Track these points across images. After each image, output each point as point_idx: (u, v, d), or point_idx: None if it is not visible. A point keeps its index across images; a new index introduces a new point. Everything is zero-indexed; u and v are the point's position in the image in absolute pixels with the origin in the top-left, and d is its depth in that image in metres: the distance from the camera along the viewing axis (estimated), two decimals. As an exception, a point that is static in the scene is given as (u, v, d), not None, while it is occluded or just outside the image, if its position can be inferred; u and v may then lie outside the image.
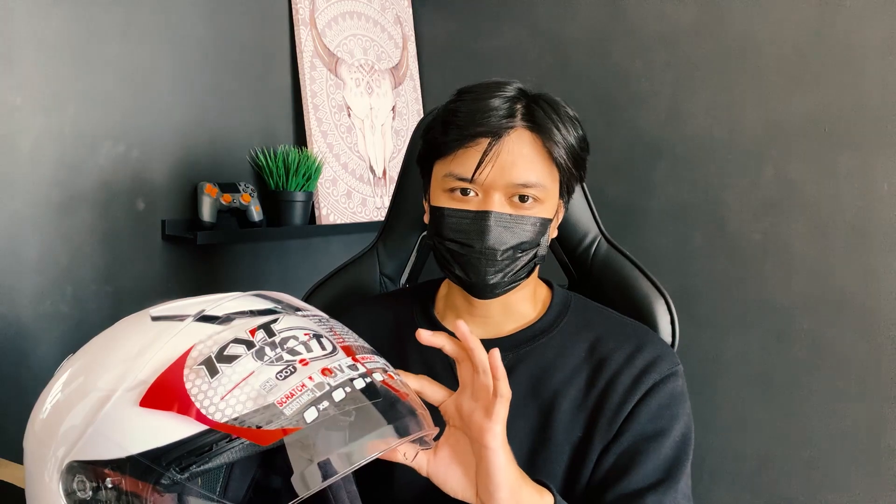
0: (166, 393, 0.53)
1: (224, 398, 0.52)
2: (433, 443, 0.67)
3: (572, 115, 0.85)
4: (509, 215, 0.80)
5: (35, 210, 1.24)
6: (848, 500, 1.47)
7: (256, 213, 1.54)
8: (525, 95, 0.83)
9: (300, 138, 1.73)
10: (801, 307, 1.50)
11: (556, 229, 0.90)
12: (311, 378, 0.54)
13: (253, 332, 0.57)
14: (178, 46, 1.45)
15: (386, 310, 0.96)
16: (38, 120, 1.23)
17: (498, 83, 0.83)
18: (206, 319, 0.59)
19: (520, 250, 0.81)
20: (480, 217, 0.80)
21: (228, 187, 1.49)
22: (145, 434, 0.53)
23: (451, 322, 0.90)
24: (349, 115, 1.80)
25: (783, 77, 1.50)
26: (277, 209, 1.61)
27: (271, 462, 0.70)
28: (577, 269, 1.06)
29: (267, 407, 0.52)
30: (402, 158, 1.12)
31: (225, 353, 0.55)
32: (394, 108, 1.93)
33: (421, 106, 2.03)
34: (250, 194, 1.53)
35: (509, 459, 0.66)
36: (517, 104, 0.81)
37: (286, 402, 0.52)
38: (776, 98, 1.51)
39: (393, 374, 0.60)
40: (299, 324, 0.60)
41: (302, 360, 0.55)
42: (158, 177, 1.43)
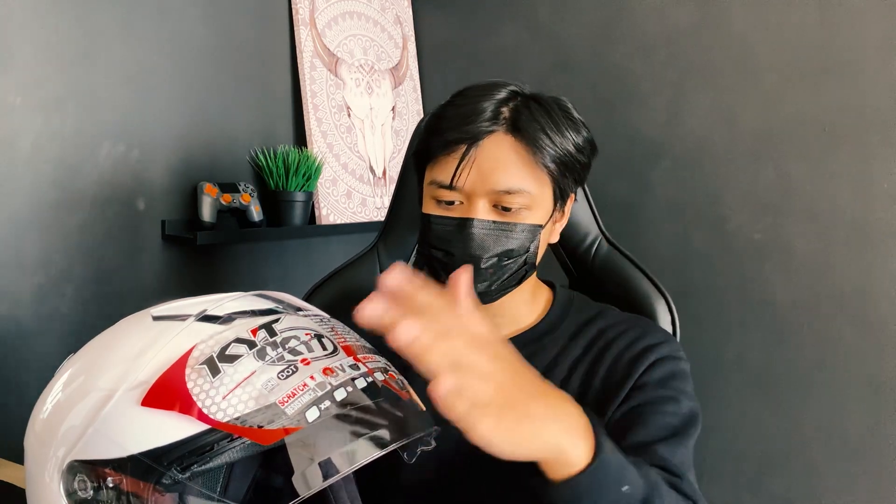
0: (168, 392, 0.53)
1: (226, 397, 0.52)
2: (434, 442, 0.67)
3: (576, 118, 0.82)
4: (493, 222, 0.78)
5: (35, 210, 1.24)
6: (848, 501, 1.47)
7: (256, 213, 1.54)
8: (517, 97, 0.81)
9: (300, 138, 1.73)
10: (802, 307, 1.50)
11: (559, 234, 0.88)
12: (312, 377, 0.54)
13: (254, 332, 0.57)
14: (178, 46, 1.45)
15: None
16: (37, 120, 1.23)
17: (492, 85, 0.81)
18: (208, 319, 0.59)
19: (506, 258, 0.79)
20: (462, 225, 0.78)
21: (228, 187, 1.49)
22: (146, 433, 0.53)
23: None
24: (349, 115, 1.80)
25: (783, 77, 1.50)
26: (277, 209, 1.61)
27: (273, 461, 0.70)
28: (578, 270, 1.06)
29: (268, 406, 0.52)
30: (403, 159, 1.12)
31: (226, 353, 0.55)
32: (394, 109, 1.93)
33: (421, 106, 2.03)
34: (250, 194, 1.53)
35: (499, 421, 0.50)
36: (504, 107, 0.79)
37: (288, 402, 0.52)
38: (776, 98, 1.51)
39: (394, 373, 0.60)
40: (300, 323, 0.60)
41: (303, 360, 0.55)
42: (158, 177, 1.42)
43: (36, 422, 0.60)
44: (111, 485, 0.53)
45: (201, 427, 0.52)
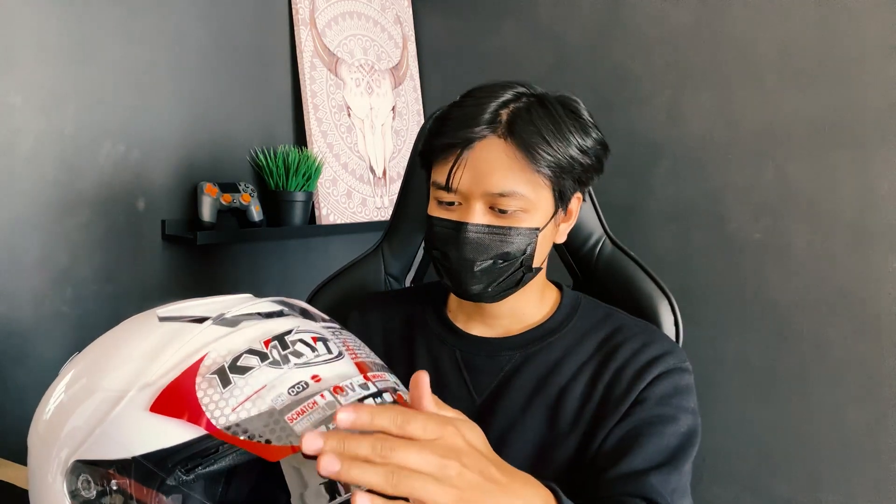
0: (177, 400, 0.53)
1: (235, 410, 0.52)
2: None
3: (584, 120, 0.81)
4: (487, 226, 0.79)
5: (35, 210, 1.24)
6: (848, 501, 1.47)
7: (256, 213, 1.54)
8: (521, 99, 0.80)
9: (300, 138, 1.73)
10: (802, 307, 1.50)
11: (566, 235, 0.88)
12: (322, 396, 0.53)
13: (267, 344, 0.57)
14: (178, 46, 1.45)
15: (398, 306, 0.97)
16: (38, 120, 1.23)
17: (500, 86, 0.81)
18: (218, 323, 0.59)
19: (501, 261, 0.80)
20: (457, 228, 0.80)
21: (228, 187, 1.49)
22: (151, 435, 0.52)
23: (462, 322, 0.91)
24: (349, 115, 1.80)
25: (783, 77, 1.50)
26: (277, 209, 1.61)
27: (278, 475, 0.70)
28: (582, 270, 1.06)
29: (277, 422, 0.51)
30: (407, 158, 1.12)
31: (238, 364, 0.55)
32: (394, 108, 1.93)
33: (421, 106, 2.03)
34: (250, 194, 1.53)
35: None
36: (504, 110, 0.79)
37: (297, 419, 0.52)
38: (776, 98, 1.51)
39: (403, 393, 0.60)
40: (313, 333, 0.60)
41: (315, 377, 0.55)
42: (158, 177, 1.42)
43: (39, 422, 0.60)
44: (115, 486, 0.53)
45: (206, 430, 0.52)
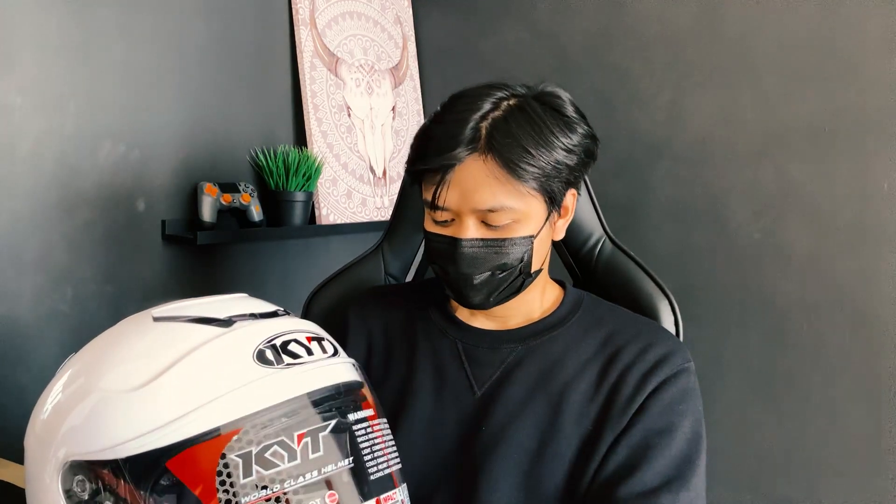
0: (195, 467, 0.53)
1: None
2: None
3: (569, 117, 0.80)
4: (481, 240, 0.78)
5: (35, 210, 1.24)
6: (848, 501, 1.47)
7: (256, 213, 1.54)
8: (501, 105, 0.78)
9: (300, 138, 1.73)
10: (802, 307, 1.50)
11: (564, 231, 0.88)
12: None
13: (300, 438, 0.55)
14: (179, 46, 1.45)
15: (399, 300, 0.97)
16: (38, 120, 1.23)
17: (479, 95, 0.79)
18: (206, 322, 0.59)
19: (500, 271, 0.80)
20: (452, 244, 0.80)
21: (228, 187, 1.49)
22: (146, 435, 0.53)
23: (465, 316, 0.91)
24: (349, 115, 1.80)
25: (783, 77, 1.50)
26: (277, 209, 1.61)
27: None
28: (582, 270, 1.06)
29: None
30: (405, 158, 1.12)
31: (266, 456, 0.54)
32: (394, 108, 1.93)
33: (421, 106, 2.03)
34: (250, 194, 1.53)
35: None
36: (483, 122, 0.77)
37: None
38: (776, 98, 1.51)
39: None
40: (308, 333, 0.59)
41: (332, 496, 0.55)
42: (158, 177, 1.42)
43: (36, 422, 0.60)
44: (110, 485, 0.53)
45: (201, 429, 0.52)
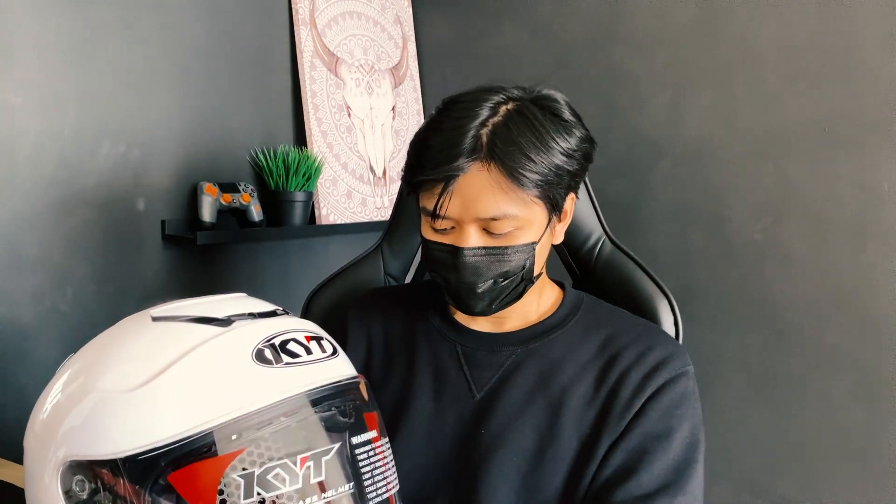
0: (196, 483, 0.53)
1: None
2: None
3: (567, 120, 0.79)
4: (483, 248, 0.77)
5: (35, 210, 1.24)
6: (848, 501, 1.47)
7: (256, 213, 1.54)
8: (499, 110, 0.77)
9: (300, 138, 1.73)
10: (801, 307, 1.50)
11: (563, 234, 0.87)
12: None
13: (303, 462, 0.56)
14: (178, 46, 1.45)
15: (398, 302, 0.96)
16: (38, 120, 1.23)
17: (477, 99, 0.78)
18: (205, 321, 0.59)
19: (502, 279, 0.79)
20: (453, 253, 0.78)
21: (228, 187, 1.49)
22: (144, 434, 0.53)
23: (464, 319, 0.90)
24: (349, 115, 1.80)
25: (783, 77, 1.50)
26: (277, 209, 1.61)
27: None
28: (581, 270, 1.06)
29: None
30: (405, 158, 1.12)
31: (268, 478, 0.54)
32: (394, 108, 1.93)
33: (421, 106, 2.03)
34: (250, 194, 1.53)
35: None
36: (483, 129, 0.76)
37: None
38: (776, 98, 1.51)
39: None
40: (306, 332, 0.59)
41: None
42: (158, 177, 1.42)
43: (35, 422, 0.60)
44: (109, 485, 0.53)
45: (198, 428, 0.52)
